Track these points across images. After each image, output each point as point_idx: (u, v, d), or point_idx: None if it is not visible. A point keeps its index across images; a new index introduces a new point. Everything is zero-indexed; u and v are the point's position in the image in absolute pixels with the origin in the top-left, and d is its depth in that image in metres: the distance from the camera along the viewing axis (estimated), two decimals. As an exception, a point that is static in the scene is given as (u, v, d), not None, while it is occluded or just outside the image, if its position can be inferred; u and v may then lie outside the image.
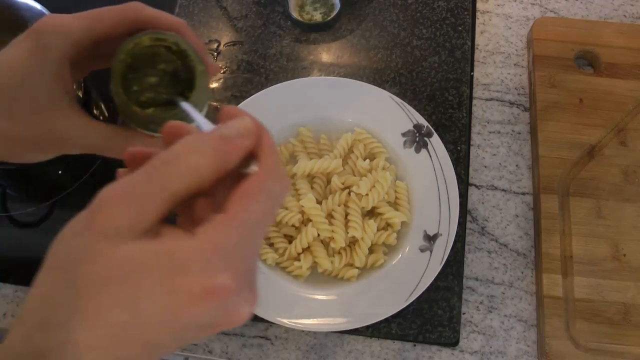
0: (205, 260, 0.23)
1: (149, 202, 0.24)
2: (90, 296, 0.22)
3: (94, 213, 0.24)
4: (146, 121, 0.35)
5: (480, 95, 0.70)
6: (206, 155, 0.25)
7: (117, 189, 0.24)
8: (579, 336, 0.56)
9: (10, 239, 0.63)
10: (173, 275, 0.23)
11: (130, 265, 0.23)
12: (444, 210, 0.59)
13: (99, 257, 0.23)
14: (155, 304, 0.23)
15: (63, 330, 0.22)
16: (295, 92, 0.64)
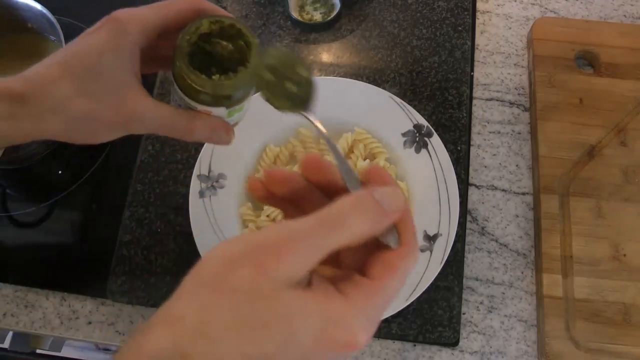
0: (352, 321, 0.27)
1: (313, 257, 0.26)
2: (251, 328, 0.26)
3: (264, 254, 0.26)
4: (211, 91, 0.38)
5: (480, 95, 0.70)
6: (367, 222, 0.27)
7: (286, 235, 0.27)
8: (579, 336, 0.56)
9: (10, 239, 0.63)
10: (324, 327, 0.26)
11: (290, 310, 0.26)
12: (444, 210, 0.59)
13: (266, 297, 0.26)
14: (301, 346, 0.26)
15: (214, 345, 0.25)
16: (295, 92, 0.64)
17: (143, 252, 0.60)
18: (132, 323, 0.59)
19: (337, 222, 0.27)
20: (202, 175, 0.60)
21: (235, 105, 0.41)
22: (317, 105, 0.41)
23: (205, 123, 0.41)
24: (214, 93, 0.39)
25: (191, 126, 0.40)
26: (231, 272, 0.26)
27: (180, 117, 0.40)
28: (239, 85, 0.39)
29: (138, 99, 0.39)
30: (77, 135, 0.39)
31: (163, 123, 0.40)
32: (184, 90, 0.39)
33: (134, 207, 0.62)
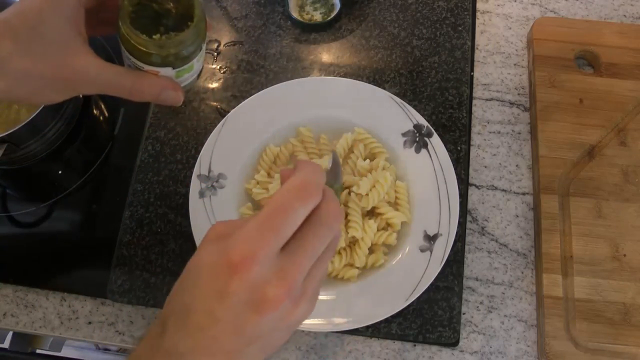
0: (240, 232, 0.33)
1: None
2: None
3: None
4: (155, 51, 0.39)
5: (480, 95, 0.70)
6: None
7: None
8: (579, 336, 0.56)
9: (10, 239, 0.63)
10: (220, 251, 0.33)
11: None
12: (444, 210, 0.59)
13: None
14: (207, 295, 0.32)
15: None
16: (295, 92, 0.64)
17: (143, 252, 0.60)
18: (132, 323, 0.59)
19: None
20: (202, 175, 0.60)
21: (183, 65, 0.41)
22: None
23: (153, 82, 0.41)
24: (157, 53, 0.39)
25: (138, 86, 0.40)
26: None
27: (127, 76, 0.40)
28: (181, 43, 0.39)
29: (81, 57, 0.39)
30: (20, 94, 0.39)
31: (108, 82, 0.40)
32: (130, 51, 0.39)
33: (134, 207, 0.62)
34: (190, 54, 0.41)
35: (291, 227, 0.32)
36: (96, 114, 0.70)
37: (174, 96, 0.42)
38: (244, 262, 0.30)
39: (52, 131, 0.63)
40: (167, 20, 0.41)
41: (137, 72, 0.41)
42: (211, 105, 0.68)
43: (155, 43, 0.39)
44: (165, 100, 0.42)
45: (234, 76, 0.69)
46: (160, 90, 0.41)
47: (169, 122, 0.67)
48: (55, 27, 0.38)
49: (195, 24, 0.40)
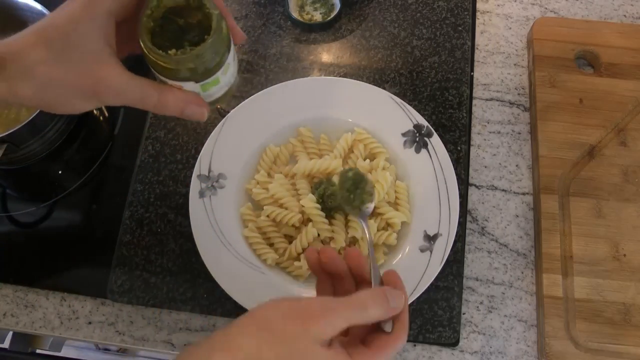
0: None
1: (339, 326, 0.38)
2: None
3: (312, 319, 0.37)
4: (174, 66, 0.39)
5: (480, 95, 0.70)
6: (379, 311, 0.40)
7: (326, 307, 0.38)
8: (579, 336, 0.56)
9: (10, 239, 0.63)
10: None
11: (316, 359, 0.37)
12: (444, 210, 0.59)
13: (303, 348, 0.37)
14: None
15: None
16: (295, 92, 0.64)
17: (143, 252, 0.60)
18: (132, 323, 0.59)
19: (360, 306, 0.39)
20: (202, 175, 0.60)
21: (206, 79, 0.41)
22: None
23: (177, 97, 0.41)
24: (175, 67, 0.39)
25: (162, 100, 0.41)
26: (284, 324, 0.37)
27: (152, 89, 0.40)
28: (197, 57, 0.39)
29: (109, 68, 0.39)
30: (48, 101, 0.40)
31: (134, 95, 0.40)
32: (152, 66, 0.40)
33: (134, 207, 0.62)
34: (212, 67, 0.40)
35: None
36: (96, 114, 0.70)
37: (199, 111, 0.42)
38: None
39: (52, 131, 0.63)
40: (189, 34, 0.41)
41: (162, 86, 0.41)
42: (211, 105, 0.68)
43: (172, 58, 0.39)
44: (190, 115, 0.42)
45: (234, 76, 0.69)
46: (185, 105, 0.41)
47: (169, 122, 0.66)
48: (86, 37, 0.38)
49: (212, 37, 0.39)
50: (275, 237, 0.59)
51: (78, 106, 0.41)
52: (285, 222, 0.58)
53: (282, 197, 0.58)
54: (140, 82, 0.40)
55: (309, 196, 0.58)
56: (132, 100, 0.41)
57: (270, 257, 0.57)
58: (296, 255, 0.58)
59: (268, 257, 0.57)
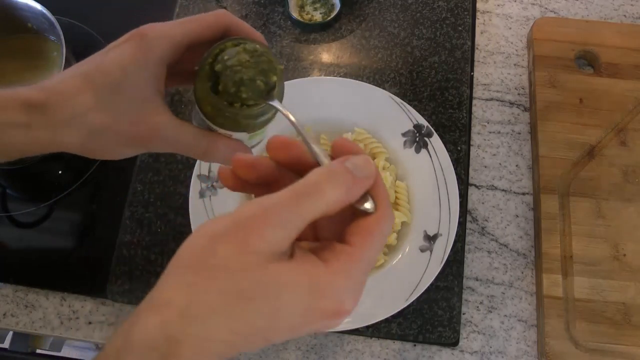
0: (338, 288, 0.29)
1: (293, 227, 0.27)
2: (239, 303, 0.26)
3: (246, 230, 0.27)
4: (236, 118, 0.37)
5: (480, 95, 0.70)
6: (340, 191, 0.29)
7: (263, 210, 0.27)
8: (579, 336, 0.56)
9: (10, 239, 0.63)
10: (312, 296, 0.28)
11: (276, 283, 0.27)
12: (444, 210, 0.59)
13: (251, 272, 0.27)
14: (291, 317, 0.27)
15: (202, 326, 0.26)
16: (296, 92, 0.64)
17: (143, 252, 0.60)
18: (132, 323, 0.59)
19: (312, 192, 0.28)
20: (202, 175, 0.60)
21: (257, 130, 0.40)
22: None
23: (226, 145, 0.40)
24: (235, 119, 0.38)
25: (212, 148, 0.40)
26: (213, 251, 0.27)
27: (202, 138, 0.39)
28: (261, 113, 0.38)
29: (160, 116, 0.38)
30: (94, 149, 0.38)
31: (184, 143, 0.39)
32: (206, 114, 0.38)
33: (134, 207, 0.62)
34: (267, 120, 0.40)
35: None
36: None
37: None
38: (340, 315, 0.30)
39: (52, 131, 0.63)
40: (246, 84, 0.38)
41: (211, 135, 0.39)
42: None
43: (234, 111, 0.37)
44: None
45: (234, 76, 0.69)
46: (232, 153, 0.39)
47: (169, 122, 0.66)
48: (137, 85, 0.37)
49: (276, 93, 0.38)
50: (275, 237, 0.59)
51: (124, 153, 0.39)
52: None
53: (282, 197, 0.58)
54: (190, 130, 0.39)
55: None
56: (181, 148, 0.39)
57: (270, 257, 0.57)
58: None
59: (268, 257, 0.57)
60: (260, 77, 0.38)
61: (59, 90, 0.36)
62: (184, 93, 0.68)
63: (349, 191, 0.29)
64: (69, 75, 0.37)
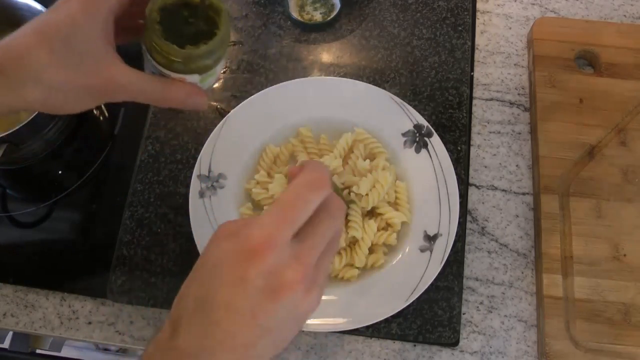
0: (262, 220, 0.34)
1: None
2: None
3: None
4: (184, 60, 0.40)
5: (480, 95, 0.70)
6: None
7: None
8: (579, 336, 0.56)
9: (10, 239, 0.63)
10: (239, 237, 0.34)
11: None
12: (444, 210, 0.59)
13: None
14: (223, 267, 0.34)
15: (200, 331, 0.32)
16: (295, 92, 0.64)
17: (143, 252, 0.60)
18: (132, 323, 0.59)
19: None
20: (202, 175, 0.60)
21: (208, 72, 0.42)
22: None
23: (180, 89, 0.42)
24: (186, 62, 0.40)
25: (167, 93, 0.41)
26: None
27: (157, 84, 0.41)
28: (209, 52, 0.40)
29: (114, 67, 0.39)
30: (55, 104, 0.40)
31: (139, 90, 0.41)
32: (157, 60, 0.40)
33: (134, 207, 0.62)
34: (216, 60, 0.42)
35: (304, 216, 0.34)
36: (96, 114, 0.70)
37: (200, 101, 0.43)
38: (263, 247, 0.32)
39: (52, 131, 0.63)
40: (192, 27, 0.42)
41: (165, 80, 0.41)
42: (211, 105, 0.68)
43: (185, 53, 0.39)
44: (192, 105, 0.43)
45: (234, 76, 0.69)
46: (187, 96, 0.42)
47: (169, 122, 0.66)
48: (88, 38, 0.38)
49: (222, 32, 0.40)
50: (275, 237, 0.59)
51: (85, 105, 0.41)
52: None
53: (282, 197, 0.58)
54: (144, 77, 0.41)
55: None
56: (138, 95, 0.41)
57: (270, 257, 0.57)
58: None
59: (268, 257, 0.57)
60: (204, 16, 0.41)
61: (13, 49, 0.37)
62: (184, 93, 0.68)
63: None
64: (21, 34, 0.38)
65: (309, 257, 0.34)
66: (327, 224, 0.35)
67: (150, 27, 0.39)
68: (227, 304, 0.32)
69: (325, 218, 0.35)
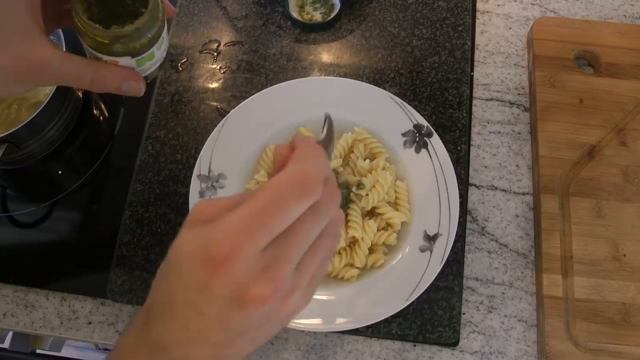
0: (225, 223, 0.30)
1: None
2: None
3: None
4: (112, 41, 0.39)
5: (480, 95, 0.70)
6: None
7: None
8: (579, 336, 0.56)
9: (10, 239, 0.63)
10: (202, 241, 0.31)
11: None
12: (444, 210, 0.59)
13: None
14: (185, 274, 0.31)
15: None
16: (295, 92, 0.64)
17: (143, 252, 0.60)
18: (132, 323, 0.59)
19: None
20: (202, 175, 0.60)
21: (142, 54, 0.41)
22: None
23: (114, 73, 0.40)
24: (113, 42, 0.39)
25: (99, 77, 0.40)
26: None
27: (87, 67, 0.40)
28: (136, 31, 0.39)
29: (41, 48, 0.38)
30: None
31: (69, 74, 0.39)
32: (86, 42, 0.39)
33: (134, 207, 0.62)
34: (149, 41, 0.40)
35: (282, 225, 0.30)
36: (96, 114, 0.70)
37: (136, 87, 0.42)
38: (227, 259, 0.28)
39: (52, 131, 0.63)
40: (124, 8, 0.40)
41: (97, 63, 0.40)
42: (211, 105, 0.68)
43: (110, 33, 0.38)
44: (127, 91, 0.42)
45: (234, 76, 0.69)
46: (122, 81, 0.41)
47: (169, 122, 0.67)
48: (13, 19, 0.37)
49: (150, 11, 0.39)
50: (275, 237, 0.59)
51: (13, 89, 0.40)
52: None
53: (281, 197, 0.58)
54: (75, 60, 0.39)
55: None
56: (68, 79, 0.40)
57: (270, 257, 0.57)
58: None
59: (268, 257, 0.57)
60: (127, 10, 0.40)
61: None
62: (184, 93, 0.68)
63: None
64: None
65: (281, 269, 0.30)
66: (310, 221, 0.31)
67: (75, 7, 0.38)
68: (194, 305, 0.29)
69: (308, 215, 0.31)
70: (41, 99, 0.62)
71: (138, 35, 0.39)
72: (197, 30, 0.72)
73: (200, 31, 0.72)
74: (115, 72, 0.40)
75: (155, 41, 0.41)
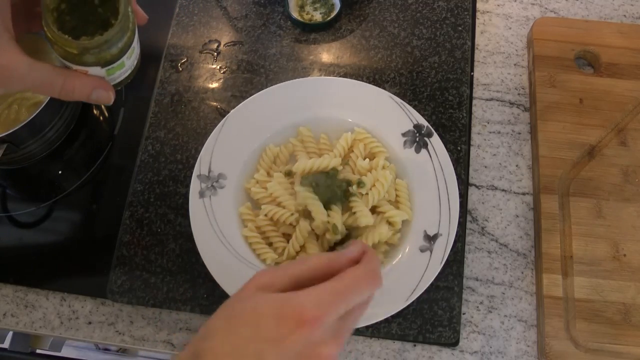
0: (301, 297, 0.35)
1: None
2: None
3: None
4: (81, 52, 0.39)
5: (480, 95, 0.70)
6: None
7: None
8: (579, 336, 0.56)
9: (10, 239, 0.63)
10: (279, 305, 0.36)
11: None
12: (444, 210, 0.59)
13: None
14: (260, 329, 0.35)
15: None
16: (296, 92, 0.64)
17: (143, 252, 0.60)
18: (132, 323, 0.59)
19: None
20: (202, 175, 0.60)
21: (112, 64, 0.41)
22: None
23: (83, 82, 0.40)
24: (82, 53, 0.39)
25: (68, 85, 0.40)
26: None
27: (57, 76, 0.40)
28: (105, 43, 0.39)
29: (10, 55, 0.38)
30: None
31: (39, 81, 0.39)
32: (56, 51, 0.39)
33: (134, 207, 0.62)
34: (119, 52, 0.40)
35: (354, 302, 0.36)
36: (96, 114, 0.70)
37: (105, 96, 0.42)
38: (314, 321, 0.33)
39: (52, 131, 0.63)
40: (95, 16, 0.41)
41: (67, 72, 0.40)
42: (211, 105, 0.68)
43: (80, 45, 0.38)
44: (96, 100, 0.42)
45: (234, 76, 0.69)
46: (91, 90, 0.41)
47: (169, 122, 0.67)
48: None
49: (120, 23, 0.39)
50: (274, 237, 0.59)
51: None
52: (282, 220, 0.58)
53: (279, 195, 0.58)
54: (44, 67, 0.39)
55: (301, 185, 0.57)
56: (37, 87, 0.40)
57: (270, 256, 0.57)
58: (295, 254, 0.58)
59: (267, 257, 0.57)
60: (98, 7, 0.40)
61: None
62: (184, 93, 0.68)
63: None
64: None
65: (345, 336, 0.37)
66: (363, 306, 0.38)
67: (44, 16, 0.38)
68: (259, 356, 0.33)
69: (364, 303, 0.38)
70: (41, 98, 0.62)
71: (108, 46, 0.39)
72: (197, 30, 0.72)
73: (200, 31, 0.72)
74: (84, 81, 0.41)
75: (126, 51, 0.41)
